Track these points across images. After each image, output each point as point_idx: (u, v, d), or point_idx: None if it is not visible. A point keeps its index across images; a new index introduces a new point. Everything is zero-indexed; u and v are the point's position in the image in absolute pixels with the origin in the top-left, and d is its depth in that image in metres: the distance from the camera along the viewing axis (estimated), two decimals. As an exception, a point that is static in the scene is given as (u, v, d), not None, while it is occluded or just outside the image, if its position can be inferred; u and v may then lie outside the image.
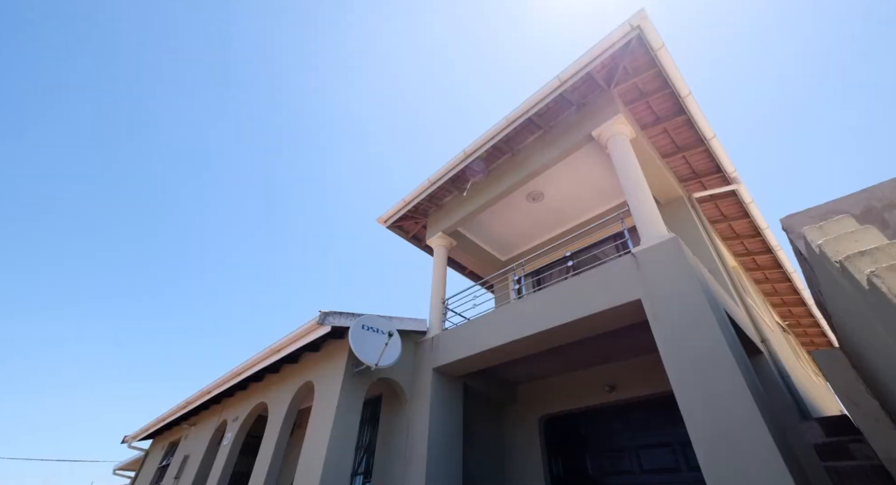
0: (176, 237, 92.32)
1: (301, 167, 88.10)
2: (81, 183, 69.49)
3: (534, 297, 4.44)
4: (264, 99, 62.47)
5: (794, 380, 3.97)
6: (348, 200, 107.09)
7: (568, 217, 6.75)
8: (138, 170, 66.96)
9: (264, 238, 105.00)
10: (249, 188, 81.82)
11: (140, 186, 70.48)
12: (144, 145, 61.74)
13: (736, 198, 5.44)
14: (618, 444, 5.13)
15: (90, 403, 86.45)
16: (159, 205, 79.23)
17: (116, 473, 11.32)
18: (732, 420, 2.50)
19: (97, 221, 78.29)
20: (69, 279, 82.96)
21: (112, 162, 66.08)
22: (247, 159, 75.00)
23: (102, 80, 50.97)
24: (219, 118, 63.63)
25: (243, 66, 53.24)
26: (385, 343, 4.81)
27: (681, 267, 3.22)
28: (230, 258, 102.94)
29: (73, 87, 51.88)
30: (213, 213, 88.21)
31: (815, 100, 74.96)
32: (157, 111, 56.31)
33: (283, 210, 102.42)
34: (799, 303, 6.70)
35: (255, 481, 5.11)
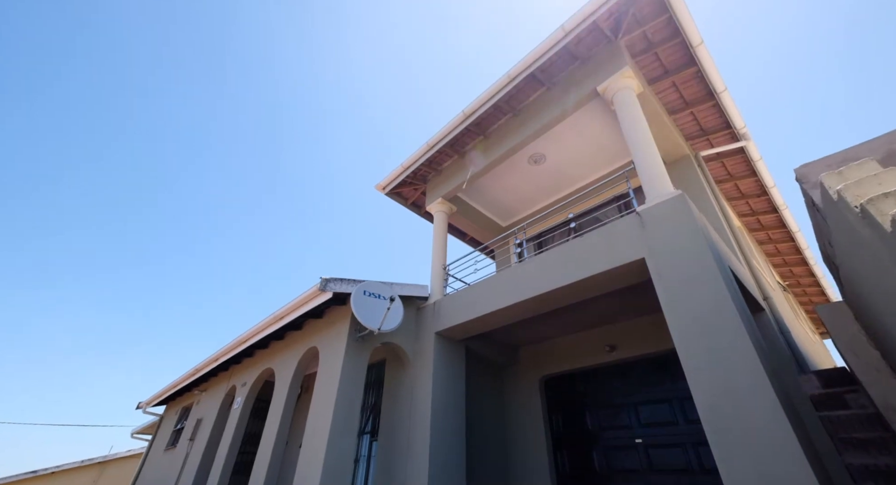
0: (177, 211, 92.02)
1: (301, 137, 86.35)
2: (88, 159, 68.59)
3: (536, 259, 4.40)
4: (262, 70, 60.28)
5: (793, 336, 4.00)
6: (349, 170, 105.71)
7: (570, 180, 6.60)
8: (140, 144, 65.86)
9: (266, 210, 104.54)
10: (250, 160, 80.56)
11: (142, 160, 69.56)
12: (145, 118, 60.29)
13: (743, 155, 5.28)
14: (616, 401, 5.28)
15: (105, 370, 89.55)
16: (161, 178, 78.43)
17: (134, 436, 11.83)
18: (736, 374, 2.52)
19: (102, 194, 77.80)
20: (79, 250, 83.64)
21: (113, 137, 64.82)
22: (246, 131, 73.41)
23: (102, 57, 49.15)
24: (218, 91, 61.71)
25: (240, 37, 50.99)
26: (387, 308, 4.83)
27: (687, 224, 3.15)
28: (232, 229, 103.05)
29: (73, 63, 50.07)
30: (215, 185, 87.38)
31: (822, 57, 72.03)
32: (157, 86, 54.60)
33: (283, 181, 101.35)
34: (801, 263, 6.69)
35: (265, 442, 5.30)
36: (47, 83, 50.79)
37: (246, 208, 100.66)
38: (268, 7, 47.26)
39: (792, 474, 2.14)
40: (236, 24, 48.73)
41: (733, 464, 2.35)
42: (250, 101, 65.76)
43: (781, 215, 5.87)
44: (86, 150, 68.19)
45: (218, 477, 5.92)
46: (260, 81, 62.45)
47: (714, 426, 2.50)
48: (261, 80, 62.19)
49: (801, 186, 2.34)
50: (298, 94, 70.19)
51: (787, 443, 2.22)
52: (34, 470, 12.34)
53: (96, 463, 13.35)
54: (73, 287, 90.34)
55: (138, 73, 52.60)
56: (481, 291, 4.90)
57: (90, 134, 66.12)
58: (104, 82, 55.77)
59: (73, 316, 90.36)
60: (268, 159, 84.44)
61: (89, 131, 65.43)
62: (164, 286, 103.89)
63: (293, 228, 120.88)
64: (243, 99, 63.67)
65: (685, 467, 4.35)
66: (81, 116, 61.58)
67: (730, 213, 5.09)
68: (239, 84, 60.88)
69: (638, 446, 4.81)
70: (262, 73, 61.16)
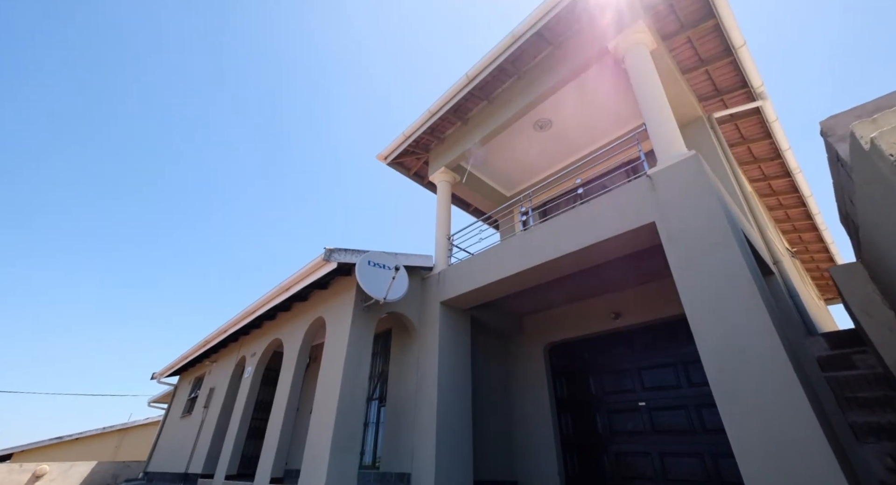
0: (181, 187, 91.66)
1: (303, 109, 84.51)
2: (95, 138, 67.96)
3: (542, 226, 4.33)
4: (261, 40, 58.20)
5: (801, 300, 3.97)
6: (353, 141, 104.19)
7: (577, 146, 6.41)
8: (143, 118, 64.89)
9: (269, 183, 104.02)
10: (253, 135, 79.30)
11: (145, 133, 68.74)
12: (148, 93, 59.00)
13: (758, 117, 5.07)
14: (620, 366, 5.35)
15: (119, 342, 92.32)
16: (166, 152, 77.62)
17: (151, 405, 12.28)
18: (746, 337, 2.49)
19: (107, 169, 77.40)
20: (86, 226, 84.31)
21: (116, 113, 63.73)
22: (247, 105, 71.82)
23: (102, 32, 47.55)
24: (218, 63, 59.92)
25: (240, 7, 48.88)
26: (392, 278, 4.82)
27: (701, 185, 3.05)
28: (235, 203, 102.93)
29: (73, 37, 48.54)
30: (219, 160, 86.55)
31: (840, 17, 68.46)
32: (157, 61, 53.02)
33: (286, 155, 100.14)
34: (811, 228, 6.58)
35: (276, 408, 5.45)
36: (48, 59, 49.41)
37: (250, 183, 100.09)
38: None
39: (801, 434, 2.15)
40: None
41: (741, 425, 2.36)
42: (250, 74, 63.90)
43: (794, 179, 5.71)
44: (86, 128, 67.19)
45: (233, 441, 6.14)
46: (260, 52, 60.40)
47: (722, 388, 2.50)
48: (260, 50, 60.12)
49: (826, 140, 2.22)
50: (298, 64, 67.98)
51: (797, 404, 2.22)
52: (59, 436, 12.91)
53: (117, 430, 13.95)
54: (87, 260, 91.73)
55: (139, 47, 50.94)
56: (486, 260, 4.87)
57: (91, 111, 64.93)
58: (104, 59, 54.16)
59: (79, 289, 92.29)
60: (269, 134, 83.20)
61: (90, 108, 64.23)
62: (172, 261, 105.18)
63: (297, 201, 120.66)
64: (243, 71, 61.84)
65: (688, 427, 4.44)
66: (81, 93, 60.20)
67: (742, 177, 4.94)
68: (239, 56, 58.98)
69: (641, 408, 4.91)
70: (262, 44, 59.06)
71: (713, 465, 4.14)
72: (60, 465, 9.85)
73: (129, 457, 13.06)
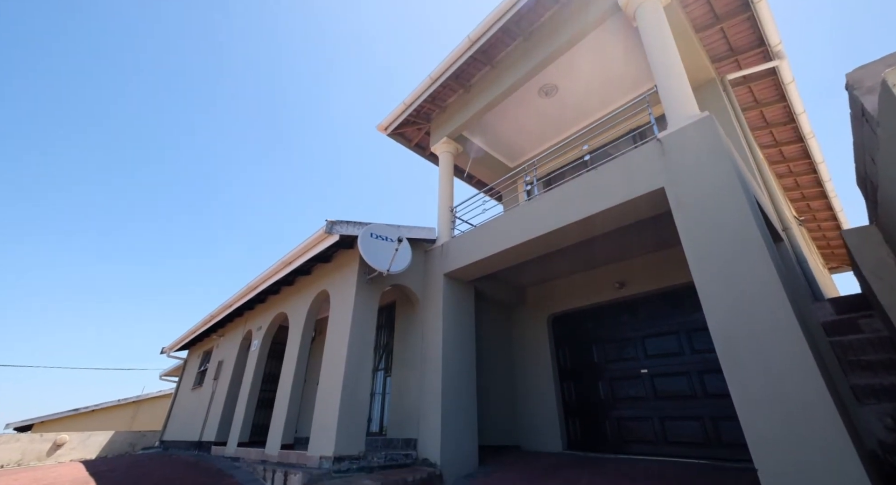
0: (184, 165, 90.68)
1: (304, 82, 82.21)
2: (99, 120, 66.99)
3: (548, 195, 4.24)
4: (264, 16, 55.85)
5: (809, 266, 3.93)
6: (355, 114, 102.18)
7: (584, 113, 6.21)
8: (148, 95, 63.53)
9: (273, 161, 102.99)
10: (255, 111, 77.66)
11: (151, 112, 67.54)
12: (151, 71, 57.41)
13: (773, 78, 4.86)
14: (623, 335, 5.39)
15: (130, 317, 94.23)
16: (171, 131, 76.39)
17: (162, 378, 12.62)
18: (757, 301, 2.46)
19: (113, 152, 76.69)
20: (93, 204, 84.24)
21: (121, 92, 62.33)
22: (249, 79, 69.88)
23: (107, 16, 45.67)
24: (220, 38, 57.87)
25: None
26: (395, 249, 4.79)
27: (715, 147, 2.94)
28: (238, 179, 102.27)
29: (77, 18, 46.73)
30: (222, 136, 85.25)
31: (867, -26, 64.88)
32: (162, 36, 51.19)
33: (289, 131, 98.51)
34: (820, 195, 6.46)
35: (284, 380, 5.56)
36: (54, 40, 47.81)
37: (253, 159, 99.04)
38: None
39: (809, 397, 2.15)
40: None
41: (747, 389, 2.37)
42: (252, 49, 61.67)
43: (807, 144, 5.54)
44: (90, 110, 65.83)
45: (244, 411, 6.31)
46: (261, 24, 58.06)
47: (729, 353, 2.49)
48: (262, 21, 57.79)
49: (851, 94, 2.11)
50: (299, 35, 65.49)
51: (806, 368, 2.21)
52: (76, 408, 13.36)
53: (132, 402, 14.41)
54: (96, 238, 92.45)
55: (144, 21, 49.01)
56: (490, 231, 4.81)
57: (95, 94, 63.40)
58: (113, 40, 52.26)
59: (91, 267, 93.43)
60: (271, 110, 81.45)
61: (94, 91, 62.69)
62: (178, 238, 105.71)
63: (300, 177, 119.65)
64: (245, 46, 59.68)
65: (689, 393, 4.51)
66: (86, 75, 58.50)
67: (753, 143, 4.79)
68: (241, 28, 56.74)
69: (643, 375, 4.98)
70: (264, 15, 56.69)
71: (713, 427, 4.24)
72: (79, 434, 10.23)
73: (144, 427, 13.55)
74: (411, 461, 4.35)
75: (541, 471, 4.10)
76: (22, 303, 56.54)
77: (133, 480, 5.10)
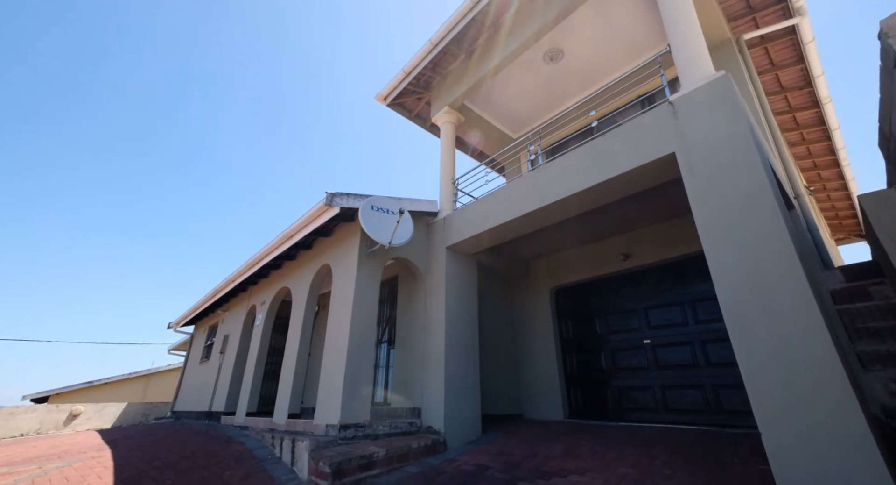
0: (187, 144, 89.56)
1: (306, 57, 79.84)
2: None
3: (552, 164, 4.11)
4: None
5: (820, 234, 3.85)
6: (356, 88, 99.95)
7: (591, 79, 5.97)
8: (150, 79, 62.09)
9: (276, 137, 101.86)
10: (258, 87, 75.84)
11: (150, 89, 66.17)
12: (154, 53, 55.71)
13: (792, 39, 4.60)
14: (627, 306, 5.38)
15: (139, 294, 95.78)
16: (174, 109, 75.09)
17: (171, 352, 12.88)
18: (769, 267, 2.40)
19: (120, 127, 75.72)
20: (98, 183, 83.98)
21: (127, 75, 60.82)
22: (253, 57, 67.84)
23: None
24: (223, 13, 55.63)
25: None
26: (396, 222, 4.71)
27: (731, 109, 2.80)
28: (241, 160, 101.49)
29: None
30: (221, 115, 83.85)
31: (892, -70, 60.99)
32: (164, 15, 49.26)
33: (291, 108, 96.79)
34: (832, 164, 6.29)
35: (289, 353, 5.62)
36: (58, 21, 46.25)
37: (255, 137, 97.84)
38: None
39: (819, 363, 2.12)
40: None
41: (754, 355, 2.34)
42: (254, 28, 59.43)
43: (822, 110, 5.33)
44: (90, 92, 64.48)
45: (250, 383, 6.44)
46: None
47: (737, 319, 2.45)
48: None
49: (884, 43, 1.96)
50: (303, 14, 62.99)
51: (817, 334, 2.17)
52: (89, 381, 13.74)
53: (143, 375, 14.80)
54: (105, 214, 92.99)
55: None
56: (493, 203, 4.71)
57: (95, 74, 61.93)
58: (113, 24, 50.45)
59: (100, 242, 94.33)
60: (273, 88, 79.56)
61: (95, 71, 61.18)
62: (185, 216, 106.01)
63: (301, 153, 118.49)
64: (250, 24, 57.45)
65: (691, 362, 4.54)
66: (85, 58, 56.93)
67: (768, 108, 4.60)
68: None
69: (645, 346, 5.01)
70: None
71: (713, 395, 4.28)
72: (94, 405, 10.55)
73: (156, 399, 13.95)
74: (415, 429, 4.44)
75: (543, 437, 4.18)
76: (33, 280, 57.37)
77: (146, 446, 5.26)
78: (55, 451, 5.46)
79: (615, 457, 3.30)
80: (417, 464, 3.66)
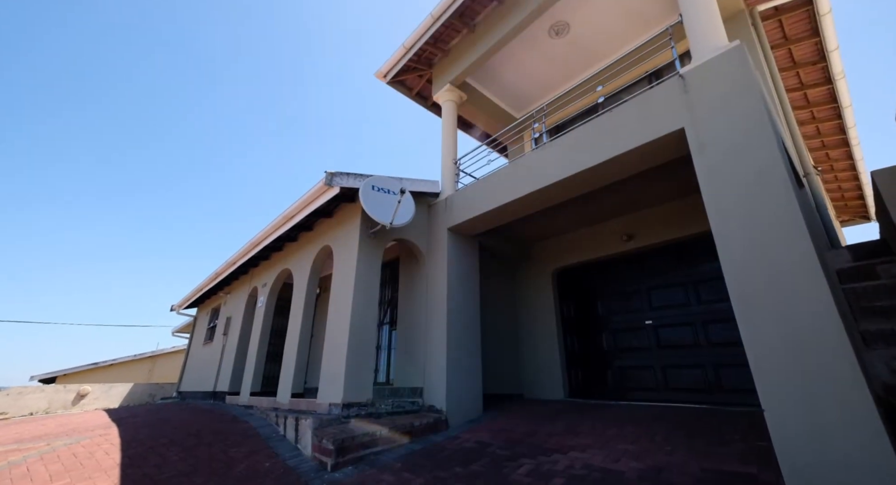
0: (190, 134, 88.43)
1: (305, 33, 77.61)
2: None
3: (556, 142, 4.02)
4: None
5: (828, 213, 3.79)
6: (358, 68, 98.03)
7: (598, 54, 5.79)
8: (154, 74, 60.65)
9: (279, 120, 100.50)
10: (267, 71, 74.05)
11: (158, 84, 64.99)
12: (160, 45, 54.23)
13: (808, 10, 4.43)
14: (629, 288, 5.37)
15: (143, 278, 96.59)
16: (177, 100, 73.86)
17: (175, 334, 13.02)
18: (779, 243, 2.35)
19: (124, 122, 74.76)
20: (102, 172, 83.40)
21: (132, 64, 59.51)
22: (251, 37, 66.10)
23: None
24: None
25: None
26: (398, 201, 4.65)
27: (745, 81, 2.69)
28: (242, 147, 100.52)
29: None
30: (228, 106, 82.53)
31: None
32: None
33: (297, 88, 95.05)
34: (841, 144, 6.16)
35: (291, 333, 5.65)
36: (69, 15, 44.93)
37: (261, 121, 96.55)
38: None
39: (826, 341, 2.10)
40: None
41: (761, 333, 2.31)
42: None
43: (835, 87, 5.18)
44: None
45: (254, 364, 6.50)
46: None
47: (744, 297, 2.42)
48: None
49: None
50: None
51: (825, 311, 2.15)
52: (95, 362, 13.94)
53: (148, 357, 15.00)
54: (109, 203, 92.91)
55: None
56: (496, 183, 4.63)
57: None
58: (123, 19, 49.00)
59: (108, 228, 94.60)
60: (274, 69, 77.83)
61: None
62: (187, 204, 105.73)
63: (301, 134, 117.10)
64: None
65: (693, 342, 4.55)
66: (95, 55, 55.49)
67: (781, 84, 4.46)
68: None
69: (647, 327, 5.02)
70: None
71: (714, 375, 4.31)
72: (101, 386, 10.72)
73: (161, 380, 14.18)
74: (418, 408, 4.49)
75: (543, 416, 4.23)
76: (40, 262, 57.76)
77: (153, 424, 5.35)
78: (63, 429, 5.56)
79: (615, 434, 3.33)
80: (420, 441, 3.70)
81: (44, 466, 3.55)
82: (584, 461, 2.80)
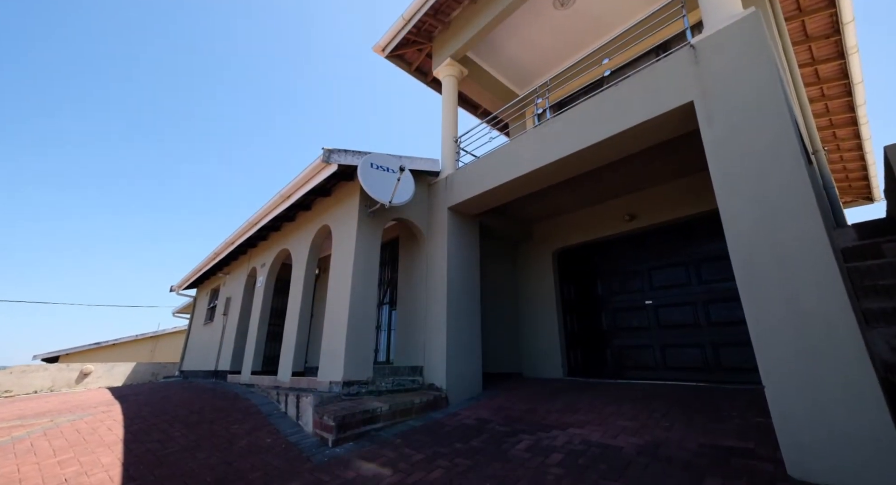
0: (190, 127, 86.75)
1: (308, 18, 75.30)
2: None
3: (560, 117, 3.90)
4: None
5: (835, 192, 3.72)
6: (357, 49, 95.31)
7: (603, 26, 5.58)
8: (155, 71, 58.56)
9: (282, 106, 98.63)
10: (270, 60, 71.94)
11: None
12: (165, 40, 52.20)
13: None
14: (630, 268, 5.34)
15: (145, 260, 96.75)
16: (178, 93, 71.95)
17: (175, 315, 13.08)
18: (787, 219, 2.30)
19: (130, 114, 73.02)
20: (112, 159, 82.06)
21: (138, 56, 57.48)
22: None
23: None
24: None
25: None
26: (397, 179, 4.55)
27: (759, 50, 2.58)
28: (243, 135, 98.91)
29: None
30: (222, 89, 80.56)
31: None
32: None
33: (300, 76, 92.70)
34: (849, 122, 6.04)
35: (290, 313, 5.64)
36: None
37: (266, 120, 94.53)
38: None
39: (831, 317, 2.07)
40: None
41: (765, 310, 2.28)
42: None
43: (847, 62, 5.02)
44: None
45: (254, 343, 6.53)
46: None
47: (749, 274, 2.38)
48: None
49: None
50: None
51: (832, 288, 2.11)
52: (98, 342, 14.06)
53: (150, 337, 15.13)
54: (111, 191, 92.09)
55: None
56: (498, 160, 4.53)
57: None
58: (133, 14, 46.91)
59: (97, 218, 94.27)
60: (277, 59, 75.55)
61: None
62: (190, 189, 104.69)
63: (305, 121, 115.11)
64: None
65: (692, 322, 4.56)
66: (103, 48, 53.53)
67: (793, 58, 4.32)
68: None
69: (647, 306, 5.02)
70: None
71: (713, 354, 4.33)
72: (104, 365, 10.83)
73: (163, 360, 14.34)
74: (418, 386, 4.53)
75: (542, 394, 4.27)
76: (43, 243, 57.65)
77: (156, 402, 5.41)
78: (66, 406, 5.62)
79: (614, 411, 3.36)
80: (420, 418, 3.74)
81: (47, 441, 3.58)
82: (583, 437, 2.82)
